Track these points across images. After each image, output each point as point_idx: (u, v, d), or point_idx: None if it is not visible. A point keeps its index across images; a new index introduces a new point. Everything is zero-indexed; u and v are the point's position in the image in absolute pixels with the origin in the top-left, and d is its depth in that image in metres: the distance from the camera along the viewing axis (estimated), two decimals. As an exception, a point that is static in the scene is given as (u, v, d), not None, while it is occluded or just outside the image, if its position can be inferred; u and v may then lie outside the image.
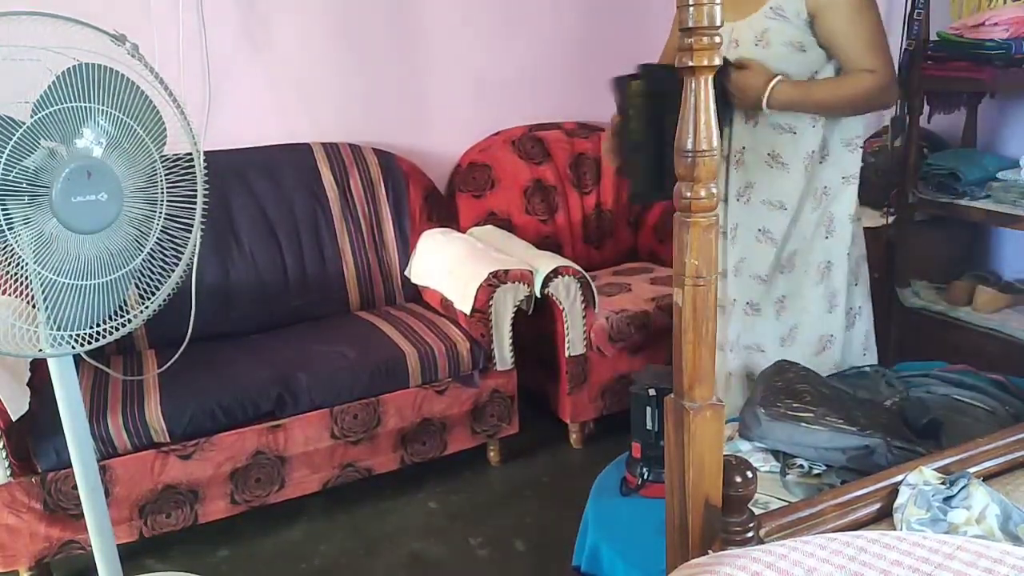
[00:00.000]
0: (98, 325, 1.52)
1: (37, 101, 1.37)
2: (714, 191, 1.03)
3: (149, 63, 1.50)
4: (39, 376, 2.05)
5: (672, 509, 1.16)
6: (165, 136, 1.55)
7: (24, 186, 1.37)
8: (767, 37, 1.76)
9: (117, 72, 1.45)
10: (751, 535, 1.11)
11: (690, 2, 0.94)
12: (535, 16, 3.15)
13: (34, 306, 1.47)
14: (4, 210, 1.36)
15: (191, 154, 1.58)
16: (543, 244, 2.89)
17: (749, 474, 1.11)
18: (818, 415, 1.52)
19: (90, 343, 1.52)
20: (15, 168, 1.36)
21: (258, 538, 2.25)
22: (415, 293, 2.78)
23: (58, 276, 1.44)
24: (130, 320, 1.58)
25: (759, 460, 1.56)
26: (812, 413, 1.53)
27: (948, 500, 1.20)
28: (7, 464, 1.88)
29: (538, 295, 2.48)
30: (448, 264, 2.58)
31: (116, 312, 1.55)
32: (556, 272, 2.46)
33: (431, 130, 3.05)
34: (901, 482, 1.25)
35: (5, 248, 1.39)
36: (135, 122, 1.48)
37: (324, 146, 2.77)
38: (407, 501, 2.41)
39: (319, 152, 2.75)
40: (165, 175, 1.56)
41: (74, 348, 1.51)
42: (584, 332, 2.53)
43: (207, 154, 1.67)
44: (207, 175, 1.62)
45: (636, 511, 1.62)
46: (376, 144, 2.88)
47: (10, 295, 1.46)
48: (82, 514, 1.71)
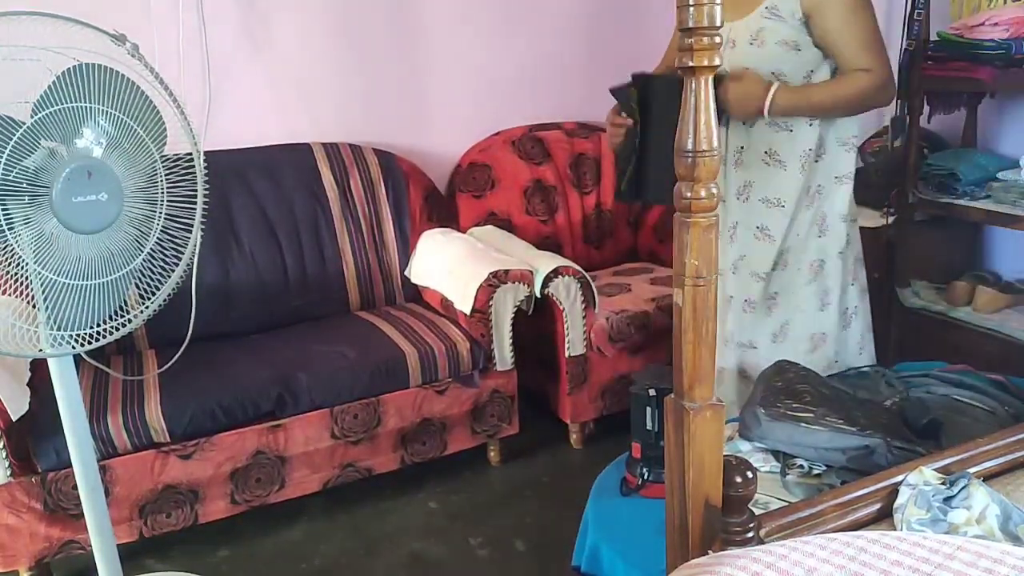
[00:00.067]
0: (98, 325, 1.52)
1: (37, 101, 1.37)
2: (714, 191, 1.02)
3: (149, 63, 1.50)
4: (39, 376, 2.05)
5: (672, 509, 1.16)
6: (165, 136, 1.55)
7: (24, 186, 1.37)
8: (762, 36, 1.77)
9: (117, 72, 1.45)
10: (751, 535, 1.11)
11: (690, 2, 0.94)
12: (535, 16, 3.15)
13: (34, 306, 1.47)
14: (4, 210, 1.36)
15: (191, 154, 1.58)
16: (543, 244, 2.90)
17: (749, 474, 1.11)
18: (818, 415, 1.52)
19: (90, 343, 1.52)
20: (15, 168, 1.36)
21: (258, 538, 2.25)
22: (415, 293, 2.79)
23: (58, 276, 1.44)
24: (130, 320, 1.58)
25: (759, 460, 1.56)
26: (812, 413, 1.53)
27: (948, 500, 1.20)
28: (7, 464, 1.88)
29: (538, 295, 2.48)
30: (448, 264, 2.58)
31: (116, 312, 1.55)
32: (556, 272, 2.46)
33: (431, 130, 3.05)
34: (901, 482, 1.25)
35: (5, 248, 1.39)
36: (135, 122, 1.48)
37: (324, 146, 2.77)
38: (407, 501, 2.41)
39: (319, 152, 2.75)
40: (165, 175, 1.56)
41: (74, 348, 1.51)
42: (584, 332, 2.54)
43: (207, 154, 1.67)
44: (207, 175, 1.62)
45: (636, 511, 1.62)
46: (376, 144, 2.88)
47: (10, 295, 1.46)
48: (82, 514, 1.71)
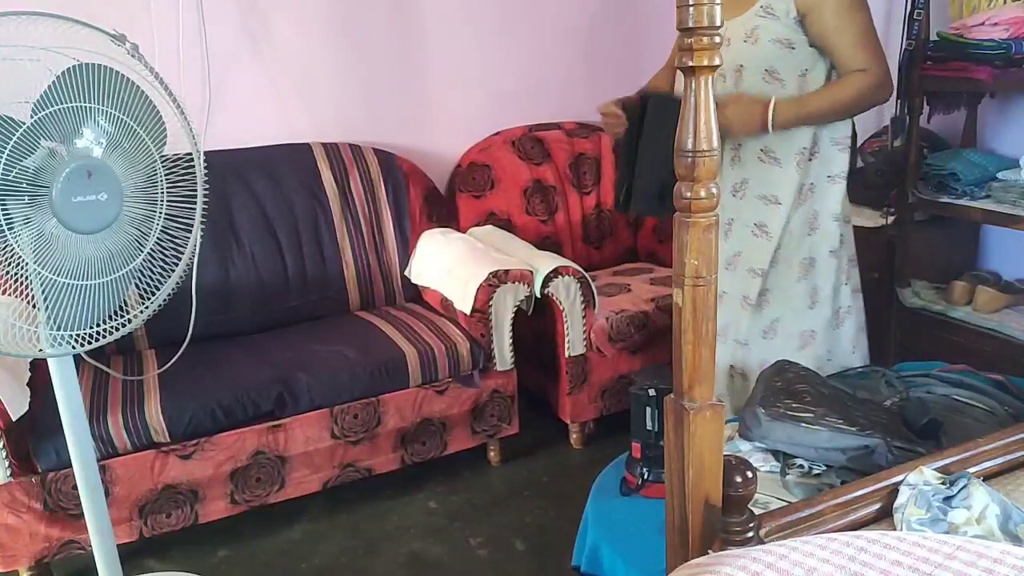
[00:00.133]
0: (98, 325, 1.52)
1: (37, 101, 1.37)
2: (714, 191, 1.03)
3: (149, 63, 1.50)
4: (39, 376, 2.05)
5: (672, 509, 1.16)
6: (165, 136, 1.55)
7: (24, 186, 1.37)
8: (756, 34, 1.79)
9: (117, 72, 1.45)
10: (751, 535, 1.11)
11: (690, 2, 0.94)
12: (535, 16, 3.15)
13: (34, 306, 1.47)
14: (4, 210, 1.36)
15: (191, 154, 1.58)
16: (543, 244, 2.90)
17: (749, 474, 1.11)
18: (818, 415, 1.52)
19: (90, 343, 1.52)
20: (15, 168, 1.36)
21: (258, 538, 2.24)
22: (415, 293, 2.78)
23: (58, 276, 1.44)
24: (130, 320, 1.58)
25: (759, 460, 1.56)
26: (812, 413, 1.53)
27: (948, 500, 1.20)
28: (7, 464, 1.88)
29: (538, 295, 2.48)
30: (448, 264, 2.58)
31: (116, 312, 1.55)
32: (556, 272, 2.46)
33: (431, 130, 3.05)
34: (901, 482, 1.25)
35: (5, 248, 1.39)
36: (135, 122, 1.48)
37: (324, 146, 2.77)
38: (407, 501, 2.41)
39: (319, 152, 2.75)
40: (165, 175, 1.56)
41: (74, 348, 1.51)
42: (584, 332, 2.53)
43: (207, 154, 1.68)
44: (207, 175, 1.62)
45: (636, 511, 1.62)
46: (376, 144, 2.88)
47: (10, 295, 1.46)
48: (82, 514, 1.71)
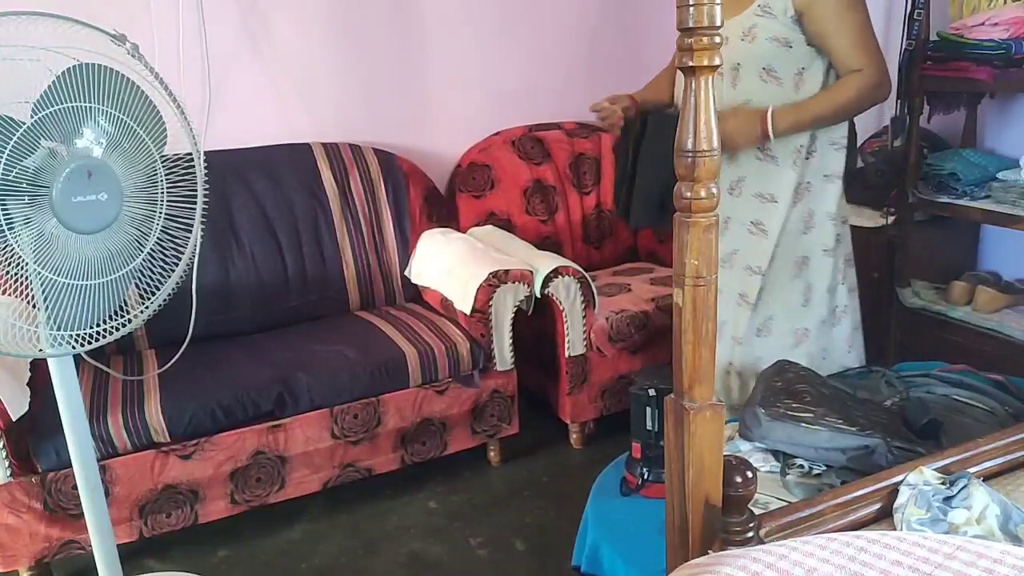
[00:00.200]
0: (98, 325, 1.52)
1: (37, 101, 1.37)
2: (714, 191, 1.03)
3: (149, 63, 1.50)
4: (39, 376, 2.05)
5: (672, 509, 1.16)
6: (165, 136, 1.55)
7: (24, 186, 1.37)
8: (754, 32, 1.80)
9: (117, 72, 1.45)
10: (751, 535, 1.11)
11: (690, 2, 0.94)
12: (535, 16, 3.15)
13: (34, 306, 1.47)
14: (4, 210, 1.36)
15: (191, 154, 1.58)
16: (543, 244, 2.90)
17: (749, 474, 1.11)
18: (818, 415, 1.52)
19: (90, 343, 1.52)
20: (15, 168, 1.36)
21: (258, 538, 2.24)
22: (415, 293, 2.78)
23: (58, 276, 1.44)
24: (130, 320, 1.58)
25: (759, 460, 1.56)
26: (812, 413, 1.53)
27: (948, 500, 1.20)
28: (7, 464, 1.88)
29: (538, 295, 2.48)
30: (448, 264, 2.58)
31: (116, 312, 1.55)
32: (556, 272, 2.46)
33: (431, 130, 3.05)
34: (901, 482, 1.25)
35: (5, 248, 1.39)
36: (135, 122, 1.48)
37: (324, 146, 2.77)
38: (407, 501, 2.41)
39: (319, 152, 2.75)
40: (165, 175, 1.56)
41: (74, 348, 1.51)
42: (584, 332, 2.53)
43: (207, 154, 1.67)
44: (207, 175, 1.62)
45: (636, 511, 1.62)
46: (376, 144, 2.88)
47: (10, 295, 1.46)
48: (82, 514, 1.71)
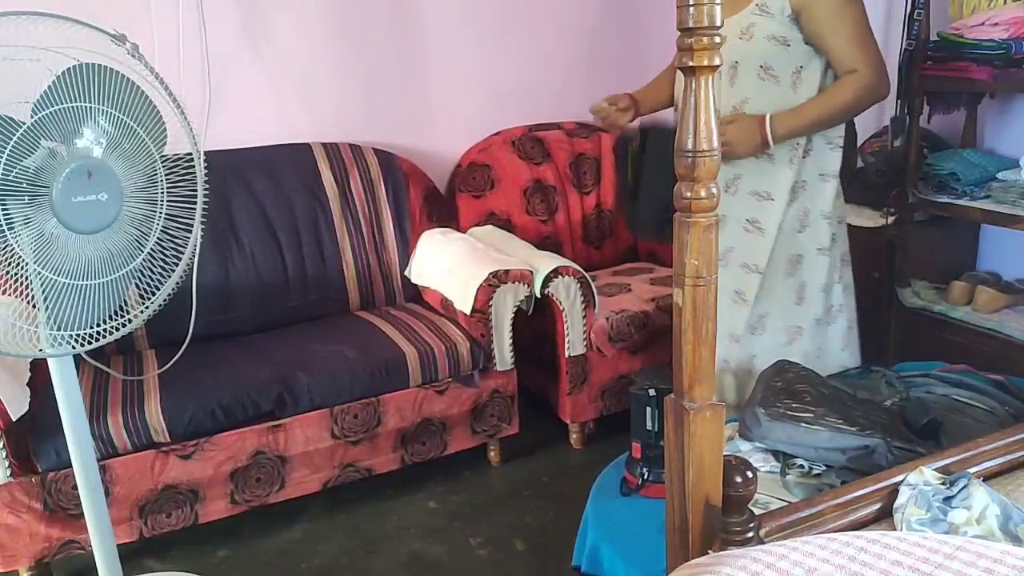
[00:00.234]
0: (98, 325, 1.52)
1: (37, 101, 1.37)
2: (714, 191, 1.03)
3: (149, 63, 1.50)
4: (39, 376, 2.05)
5: (672, 509, 1.16)
6: (165, 136, 1.55)
7: (24, 186, 1.37)
8: (752, 31, 1.80)
9: (117, 72, 1.45)
10: (751, 535, 1.11)
11: (690, 2, 0.94)
12: (535, 16, 3.15)
13: (34, 306, 1.47)
14: (4, 210, 1.36)
15: (191, 154, 1.58)
16: (543, 244, 2.90)
17: (749, 474, 1.11)
18: (818, 415, 1.52)
19: (90, 343, 1.52)
20: (15, 168, 1.36)
21: (258, 538, 2.24)
22: (415, 293, 2.78)
23: (58, 276, 1.44)
24: (130, 320, 1.58)
25: (759, 460, 1.56)
26: (812, 413, 1.53)
27: (948, 500, 1.20)
28: (7, 464, 1.88)
29: (538, 295, 2.48)
30: (448, 264, 2.58)
31: (116, 312, 1.55)
32: (556, 272, 2.46)
33: (431, 130, 3.05)
34: (901, 482, 1.25)
35: (5, 248, 1.39)
36: (135, 122, 1.48)
37: (324, 146, 2.77)
38: (407, 501, 2.41)
39: (319, 152, 2.75)
40: (165, 175, 1.56)
41: (74, 348, 1.51)
42: (584, 332, 2.53)
43: (207, 154, 1.67)
44: (207, 175, 1.62)
45: (636, 511, 1.62)
46: (376, 144, 2.88)
47: (10, 295, 1.46)
48: (82, 514, 1.71)
